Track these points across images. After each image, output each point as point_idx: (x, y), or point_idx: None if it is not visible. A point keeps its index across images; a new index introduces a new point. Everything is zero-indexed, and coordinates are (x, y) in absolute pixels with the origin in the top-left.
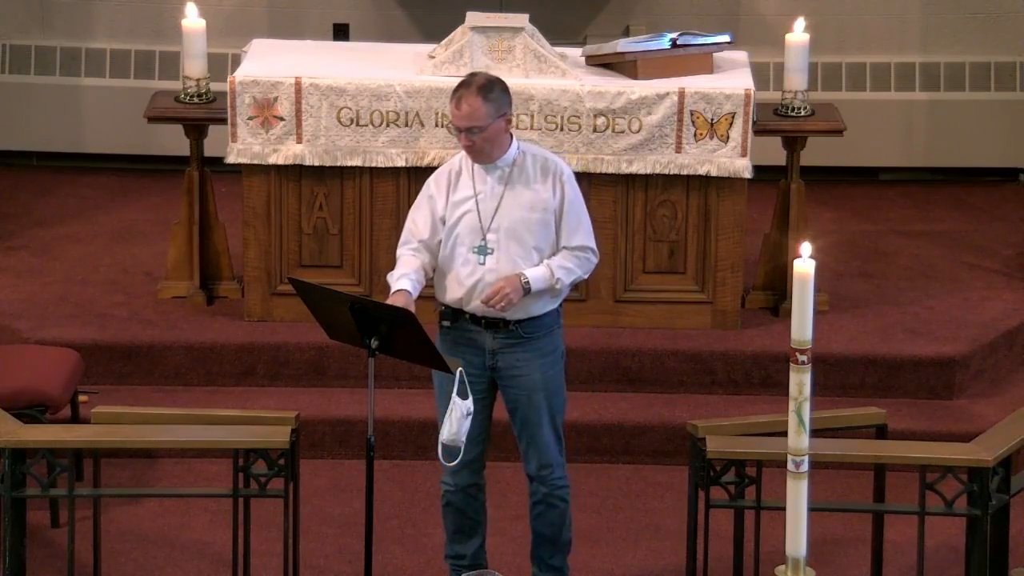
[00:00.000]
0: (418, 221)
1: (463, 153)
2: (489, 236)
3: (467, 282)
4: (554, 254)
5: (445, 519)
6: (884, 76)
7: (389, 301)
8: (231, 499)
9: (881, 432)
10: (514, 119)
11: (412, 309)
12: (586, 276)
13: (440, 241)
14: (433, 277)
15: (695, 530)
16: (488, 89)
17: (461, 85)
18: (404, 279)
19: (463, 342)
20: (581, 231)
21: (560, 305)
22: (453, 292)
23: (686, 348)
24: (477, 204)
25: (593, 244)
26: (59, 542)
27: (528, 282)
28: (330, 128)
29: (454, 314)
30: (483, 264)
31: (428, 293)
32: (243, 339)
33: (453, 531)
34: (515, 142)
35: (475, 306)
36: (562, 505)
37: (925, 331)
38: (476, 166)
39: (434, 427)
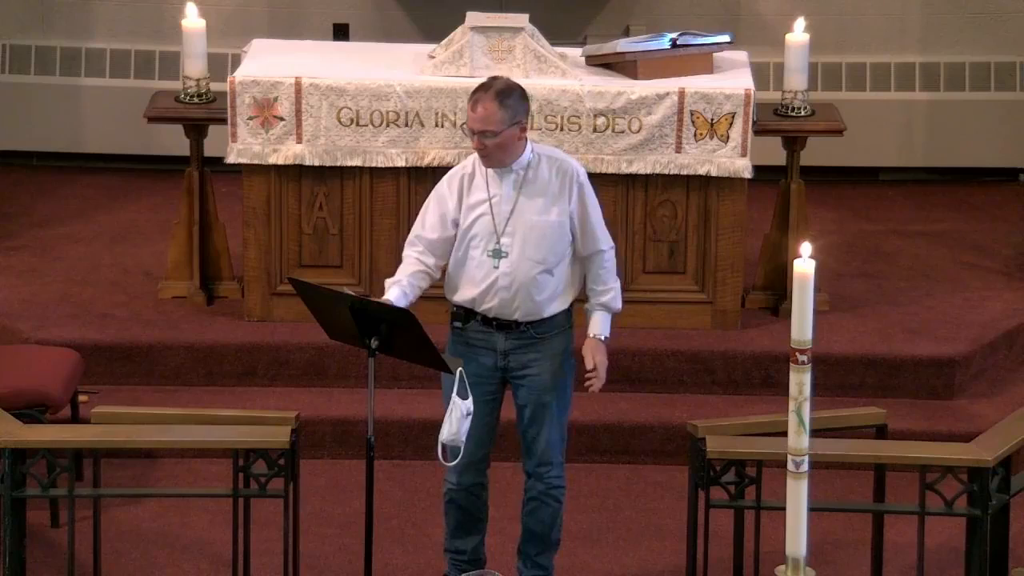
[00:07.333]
0: (426, 222)
1: (476, 155)
2: (503, 240)
3: (482, 284)
4: (573, 256)
5: (447, 516)
6: (884, 76)
7: None
8: (231, 499)
9: (881, 432)
10: None
11: None
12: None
13: (448, 241)
14: (443, 277)
15: (695, 530)
16: (506, 95)
17: (480, 88)
18: (395, 287)
19: (475, 343)
20: (601, 234)
21: (571, 306)
22: (466, 292)
23: (686, 348)
24: (491, 207)
25: (611, 240)
26: (59, 542)
27: (606, 337)
28: (330, 128)
29: (466, 315)
30: (497, 268)
31: (437, 294)
32: (243, 339)
33: (454, 527)
34: (529, 145)
35: (488, 307)
36: (555, 505)
37: (925, 331)
38: (490, 169)
39: (434, 427)
